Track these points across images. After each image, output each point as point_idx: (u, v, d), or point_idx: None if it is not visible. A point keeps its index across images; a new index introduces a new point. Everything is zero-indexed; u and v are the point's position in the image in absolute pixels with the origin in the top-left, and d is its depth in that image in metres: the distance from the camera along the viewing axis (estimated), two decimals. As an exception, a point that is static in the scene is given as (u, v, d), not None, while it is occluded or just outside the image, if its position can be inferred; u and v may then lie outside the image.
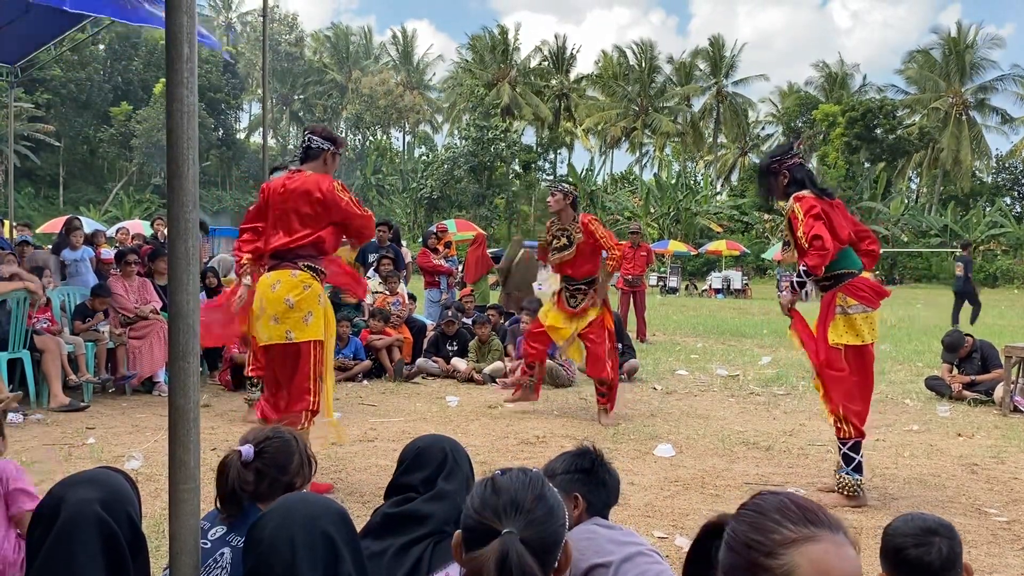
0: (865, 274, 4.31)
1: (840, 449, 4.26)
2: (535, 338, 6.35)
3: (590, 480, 2.28)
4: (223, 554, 2.04)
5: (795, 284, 4.30)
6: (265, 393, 4.50)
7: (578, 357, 6.13)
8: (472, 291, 11.11)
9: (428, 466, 2.17)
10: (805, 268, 4.15)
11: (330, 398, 4.39)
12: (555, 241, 6.01)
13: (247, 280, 4.40)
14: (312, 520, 1.77)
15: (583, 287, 5.96)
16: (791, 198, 4.26)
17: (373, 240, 9.38)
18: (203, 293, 8.65)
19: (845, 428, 4.20)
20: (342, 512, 1.84)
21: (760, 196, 4.85)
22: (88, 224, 15.92)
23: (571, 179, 44.95)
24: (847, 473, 4.22)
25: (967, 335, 7.81)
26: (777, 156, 4.44)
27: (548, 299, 6.36)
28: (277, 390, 4.34)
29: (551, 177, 51.00)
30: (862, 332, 4.18)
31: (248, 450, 2.16)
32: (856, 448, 4.22)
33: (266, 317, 4.21)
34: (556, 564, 1.51)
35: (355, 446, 5.41)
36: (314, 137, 4.40)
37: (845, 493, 4.21)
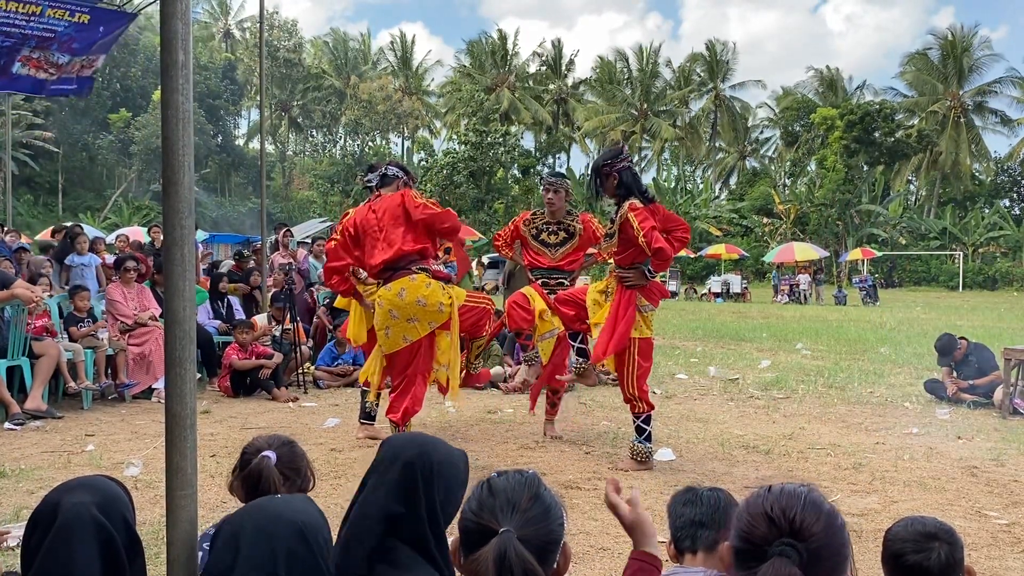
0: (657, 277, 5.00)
1: (635, 422, 4.96)
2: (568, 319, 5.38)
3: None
4: None
5: (648, 272, 4.84)
6: (396, 394, 5.02)
7: (545, 356, 5.74)
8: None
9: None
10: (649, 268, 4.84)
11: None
12: (548, 237, 5.83)
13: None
14: (293, 519, 1.79)
15: (564, 281, 5.77)
16: (626, 206, 4.80)
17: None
18: (207, 299, 8.64)
19: (640, 405, 4.92)
20: (320, 522, 1.87)
21: (590, 193, 5.28)
22: (87, 231, 15.90)
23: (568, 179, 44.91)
24: (640, 442, 4.93)
25: (961, 338, 7.78)
26: (608, 160, 4.93)
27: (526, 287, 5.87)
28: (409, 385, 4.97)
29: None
30: (651, 327, 4.98)
31: (273, 455, 2.23)
32: (648, 421, 4.95)
33: (400, 321, 4.78)
34: (556, 565, 1.51)
35: (355, 452, 5.41)
36: (391, 167, 5.19)
37: (638, 459, 4.91)
